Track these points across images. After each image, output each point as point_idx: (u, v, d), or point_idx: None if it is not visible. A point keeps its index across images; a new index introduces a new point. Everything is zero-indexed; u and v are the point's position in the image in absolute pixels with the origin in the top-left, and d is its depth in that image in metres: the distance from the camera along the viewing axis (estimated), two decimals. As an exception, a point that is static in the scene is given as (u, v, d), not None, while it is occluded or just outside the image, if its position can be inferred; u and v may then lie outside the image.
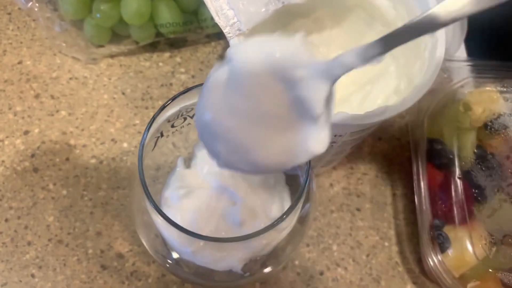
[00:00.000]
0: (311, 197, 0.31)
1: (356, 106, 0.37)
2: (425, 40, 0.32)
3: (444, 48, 0.31)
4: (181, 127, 0.32)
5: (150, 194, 0.24)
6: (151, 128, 0.25)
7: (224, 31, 0.29)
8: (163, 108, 0.25)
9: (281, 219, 0.24)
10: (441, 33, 0.32)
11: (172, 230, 0.29)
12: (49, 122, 0.43)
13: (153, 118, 0.25)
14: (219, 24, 0.29)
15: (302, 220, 0.31)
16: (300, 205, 0.27)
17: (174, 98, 0.25)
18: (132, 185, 0.31)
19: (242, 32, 0.30)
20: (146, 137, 0.24)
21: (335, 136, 0.32)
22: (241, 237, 0.25)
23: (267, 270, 0.30)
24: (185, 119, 0.32)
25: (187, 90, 0.26)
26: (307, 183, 0.25)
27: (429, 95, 0.40)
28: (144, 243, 0.31)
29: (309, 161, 0.25)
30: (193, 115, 0.32)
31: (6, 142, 0.42)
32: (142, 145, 0.24)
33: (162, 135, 0.31)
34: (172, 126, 0.32)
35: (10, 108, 0.44)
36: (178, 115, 0.30)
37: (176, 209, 0.32)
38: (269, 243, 0.30)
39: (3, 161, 0.42)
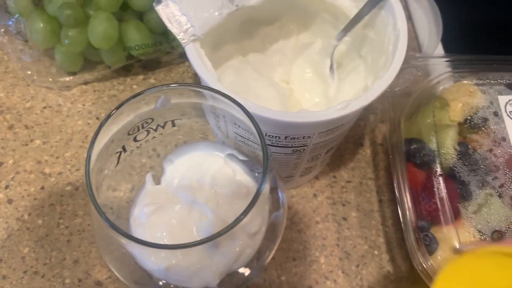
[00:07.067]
0: (282, 206, 0.30)
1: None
2: (388, 34, 0.31)
3: (406, 39, 0.30)
4: (145, 141, 0.32)
5: (100, 208, 0.23)
6: (98, 136, 0.24)
7: (178, 37, 0.29)
8: (108, 117, 0.24)
9: (240, 218, 0.23)
10: (403, 26, 0.31)
11: (139, 248, 0.27)
12: (23, 152, 0.43)
13: (100, 127, 0.24)
14: (172, 31, 0.29)
15: (272, 228, 0.29)
16: (263, 206, 0.26)
17: (119, 107, 0.24)
18: (91, 210, 0.29)
19: (198, 37, 0.29)
20: (93, 145, 0.23)
21: (303, 138, 0.31)
22: (206, 239, 0.23)
23: (246, 272, 0.29)
24: (148, 132, 0.31)
25: (134, 95, 0.25)
26: (263, 183, 0.23)
27: (404, 96, 0.39)
28: (114, 271, 0.29)
29: (267, 160, 0.24)
30: (156, 128, 0.31)
31: (-20, 175, 0.42)
32: (88, 155, 0.23)
33: (125, 150, 0.31)
34: (135, 140, 0.31)
35: (-16, 141, 0.43)
36: (138, 127, 0.29)
37: (145, 227, 0.31)
38: (242, 251, 0.28)
39: (-23, 195, 0.41)
